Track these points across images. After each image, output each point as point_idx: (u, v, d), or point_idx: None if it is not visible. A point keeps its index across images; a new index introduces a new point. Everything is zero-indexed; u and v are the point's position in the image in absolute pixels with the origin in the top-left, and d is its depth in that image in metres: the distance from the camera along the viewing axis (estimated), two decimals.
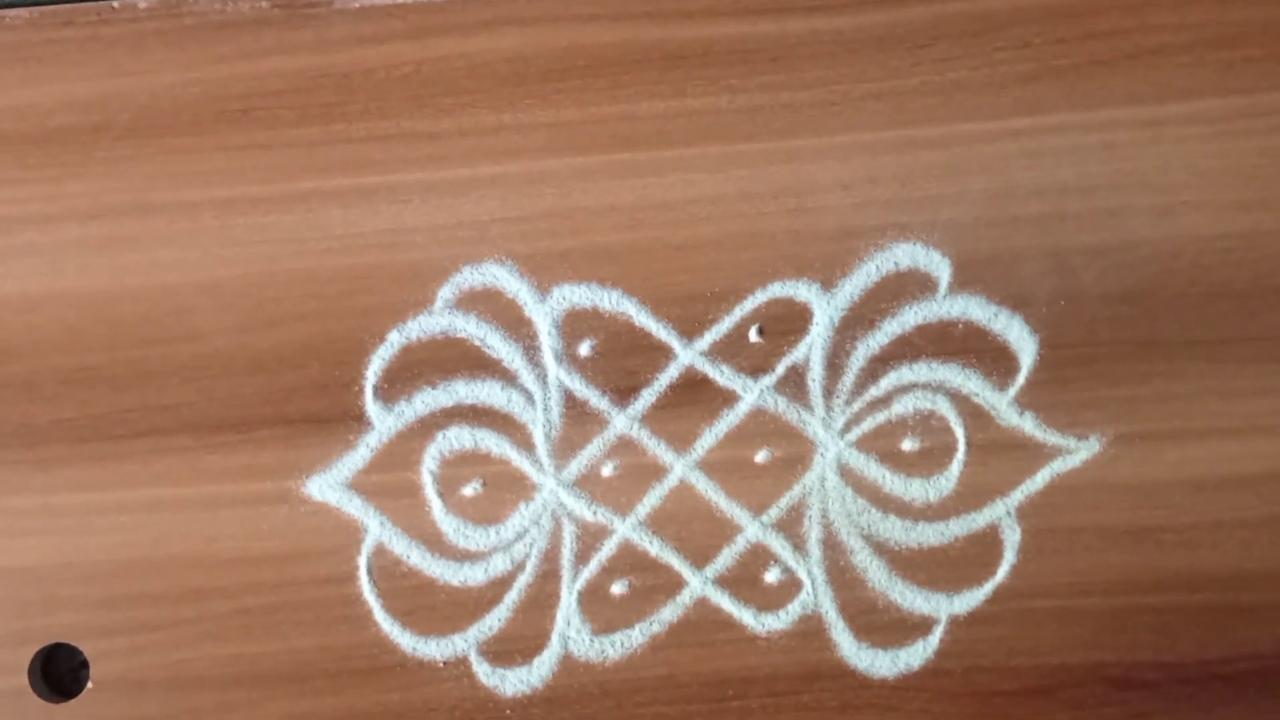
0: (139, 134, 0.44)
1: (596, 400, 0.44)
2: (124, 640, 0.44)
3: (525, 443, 0.44)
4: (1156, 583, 0.43)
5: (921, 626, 0.44)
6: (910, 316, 0.44)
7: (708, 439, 0.44)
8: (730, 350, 0.44)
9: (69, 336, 0.44)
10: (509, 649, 0.44)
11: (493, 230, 0.44)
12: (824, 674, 0.44)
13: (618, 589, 0.44)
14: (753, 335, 0.44)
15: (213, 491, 0.44)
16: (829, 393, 0.44)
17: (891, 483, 0.44)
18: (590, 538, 0.44)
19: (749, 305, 0.44)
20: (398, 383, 0.44)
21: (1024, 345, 0.43)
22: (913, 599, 0.44)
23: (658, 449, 0.44)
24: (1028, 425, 0.43)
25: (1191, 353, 0.43)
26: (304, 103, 0.44)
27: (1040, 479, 0.44)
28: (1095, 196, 0.43)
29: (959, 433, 0.44)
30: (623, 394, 0.44)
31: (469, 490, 0.44)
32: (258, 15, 0.43)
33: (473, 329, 0.44)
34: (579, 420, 0.44)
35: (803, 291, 0.44)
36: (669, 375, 0.44)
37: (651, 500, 0.44)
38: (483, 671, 0.44)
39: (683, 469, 0.44)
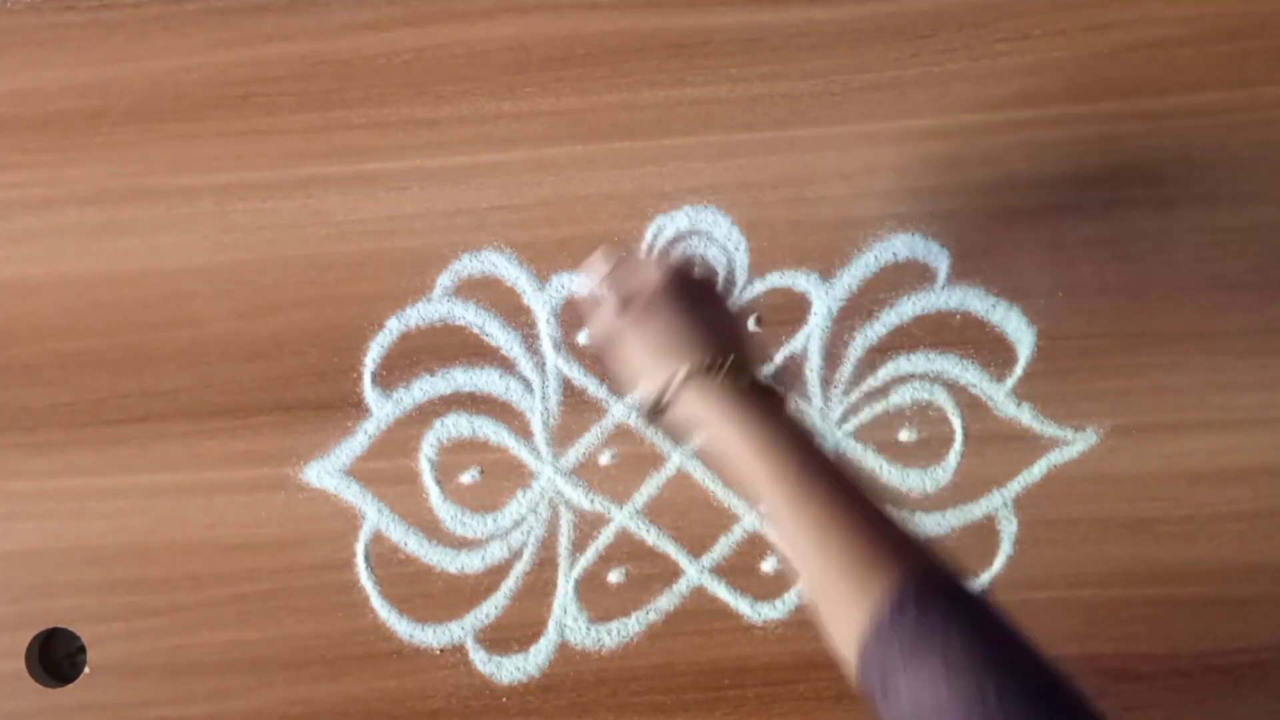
0: (139, 119, 0.44)
1: (595, 388, 0.44)
2: (121, 625, 0.44)
3: (523, 430, 0.44)
4: (1152, 575, 0.44)
5: None
6: (908, 307, 0.44)
7: None
8: None
9: (68, 321, 0.44)
10: (506, 636, 0.44)
11: (492, 218, 0.44)
12: (820, 663, 0.44)
13: (615, 577, 0.44)
14: (751, 324, 0.44)
15: (210, 477, 0.44)
16: (827, 383, 0.44)
17: (889, 473, 0.44)
18: (588, 526, 0.44)
19: (747, 294, 0.44)
20: (396, 370, 0.44)
21: (1022, 336, 0.44)
22: None
23: (656, 437, 0.44)
24: (1025, 416, 0.44)
25: (1189, 345, 0.43)
26: (304, 89, 0.44)
27: (1037, 470, 0.44)
28: (1094, 188, 0.43)
29: (956, 423, 0.44)
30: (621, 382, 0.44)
31: (467, 478, 0.44)
32: (259, 1, 0.43)
33: (471, 316, 0.44)
34: (577, 408, 0.44)
35: (801, 281, 0.44)
36: None
37: (649, 489, 0.44)
38: (479, 659, 0.44)
39: (680, 458, 0.44)
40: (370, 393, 0.44)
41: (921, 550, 0.28)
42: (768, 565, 0.44)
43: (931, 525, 0.44)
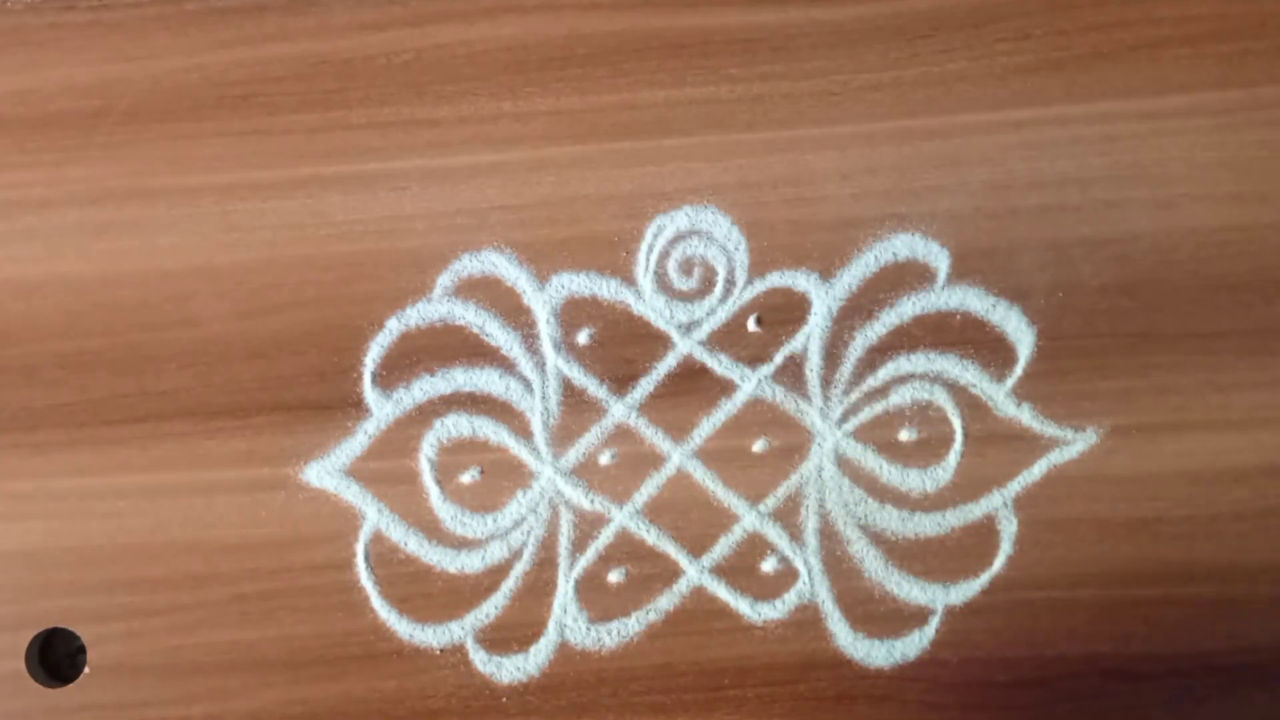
0: (139, 119, 0.44)
1: (595, 389, 0.44)
2: (121, 625, 0.44)
3: (523, 431, 0.44)
4: (1153, 575, 0.44)
5: (918, 617, 0.44)
6: (908, 307, 0.44)
7: (705, 428, 0.44)
8: (728, 339, 0.44)
9: (68, 321, 0.44)
10: (506, 637, 0.44)
11: (492, 218, 0.44)
12: (820, 664, 0.44)
13: (615, 577, 0.44)
14: (751, 325, 0.44)
15: (210, 477, 0.44)
16: (827, 382, 0.44)
17: (888, 473, 0.44)
18: (588, 526, 0.44)
19: (747, 294, 0.44)
20: (396, 370, 0.44)
21: (1022, 336, 0.44)
22: (909, 589, 0.44)
23: (655, 438, 0.44)
24: (1025, 416, 0.44)
25: (1189, 345, 0.43)
26: (304, 89, 0.44)
27: (1037, 470, 0.44)
28: (1094, 188, 0.43)
29: (956, 423, 0.44)
30: (621, 382, 0.44)
31: (467, 478, 0.44)
32: (259, 1, 0.43)
33: (471, 317, 0.44)
34: (577, 408, 0.44)
35: (801, 281, 0.44)
36: (667, 364, 0.44)
37: (649, 489, 0.44)
38: (479, 659, 0.44)
39: (680, 458, 0.44)
40: (370, 393, 0.44)
41: None
42: (768, 565, 0.44)
43: (931, 525, 0.44)
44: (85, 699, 0.44)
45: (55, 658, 0.45)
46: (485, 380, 0.44)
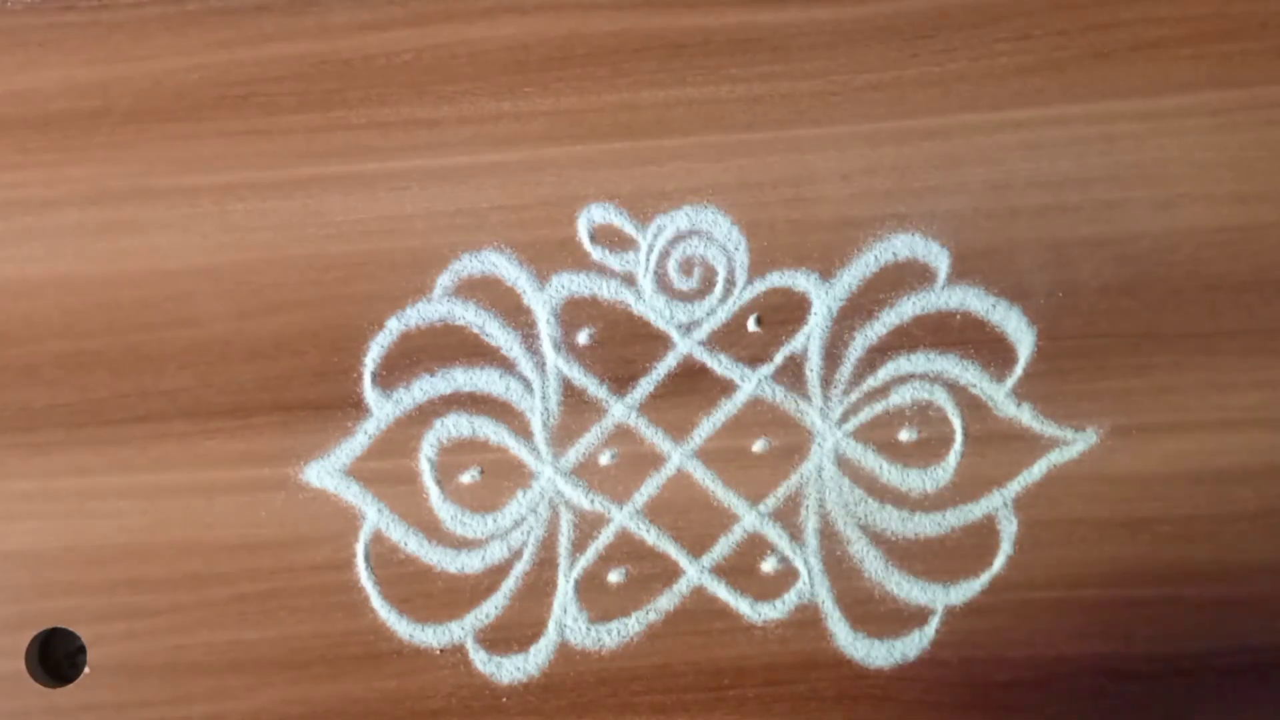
0: (139, 119, 0.44)
1: (595, 389, 0.44)
2: (121, 625, 0.44)
3: (523, 431, 0.44)
4: (1153, 575, 0.44)
5: (918, 617, 0.44)
6: (908, 307, 0.44)
7: (706, 428, 0.44)
8: (729, 339, 0.44)
9: (68, 321, 0.44)
10: (506, 637, 0.44)
11: (492, 218, 0.44)
12: (820, 664, 0.44)
13: (615, 577, 0.44)
14: (751, 325, 0.44)
15: (210, 477, 0.44)
16: (827, 382, 0.44)
17: (888, 473, 0.44)
18: (588, 526, 0.44)
19: (747, 294, 0.44)
20: (396, 370, 0.44)
21: (1022, 336, 0.44)
22: (909, 589, 0.44)
23: (656, 438, 0.44)
24: (1025, 416, 0.44)
25: (1189, 345, 0.43)
26: (304, 89, 0.44)
27: (1037, 470, 0.44)
28: (1094, 188, 0.43)
29: (956, 423, 0.44)
30: (621, 382, 0.44)
31: (467, 478, 0.44)
32: (259, 1, 0.43)
33: (471, 317, 0.44)
34: (577, 408, 0.44)
35: (801, 281, 0.44)
36: (667, 364, 0.44)
37: (649, 489, 0.44)
38: (479, 659, 0.44)
39: (680, 458, 0.44)
40: (370, 393, 0.44)
41: None
42: (768, 565, 0.44)
43: (931, 525, 0.44)
44: (85, 699, 0.44)
45: (55, 658, 0.45)
46: (485, 380, 0.44)
